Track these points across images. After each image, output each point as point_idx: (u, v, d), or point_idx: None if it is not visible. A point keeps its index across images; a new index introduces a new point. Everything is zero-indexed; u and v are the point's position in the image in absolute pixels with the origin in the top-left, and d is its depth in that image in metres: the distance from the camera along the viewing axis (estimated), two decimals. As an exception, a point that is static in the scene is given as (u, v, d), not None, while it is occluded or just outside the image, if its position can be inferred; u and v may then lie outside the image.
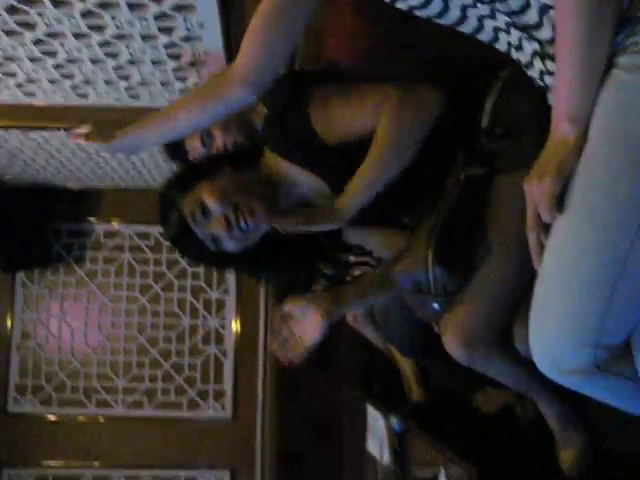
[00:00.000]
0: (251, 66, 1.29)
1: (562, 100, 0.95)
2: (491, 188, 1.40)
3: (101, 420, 3.94)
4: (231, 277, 4.05)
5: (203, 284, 4.06)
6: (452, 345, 1.44)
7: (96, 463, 3.90)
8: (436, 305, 1.47)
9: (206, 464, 3.94)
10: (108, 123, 2.83)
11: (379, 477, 2.66)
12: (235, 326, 4.01)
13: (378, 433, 2.69)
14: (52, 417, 3.93)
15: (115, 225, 4.09)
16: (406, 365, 2.87)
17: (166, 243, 4.03)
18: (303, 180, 1.58)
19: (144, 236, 4.09)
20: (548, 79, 1.06)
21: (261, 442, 3.92)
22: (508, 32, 1.03)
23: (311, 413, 3.87)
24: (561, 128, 0.96)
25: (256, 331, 3.99)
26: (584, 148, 0.94)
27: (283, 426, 3.88)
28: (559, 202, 0.96)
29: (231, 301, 4.05)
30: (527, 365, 1.44)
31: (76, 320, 4.00)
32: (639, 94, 0.90)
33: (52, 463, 3.89)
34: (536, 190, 0.97)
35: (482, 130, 1.43)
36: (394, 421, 2.41)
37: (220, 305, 4.06)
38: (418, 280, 1.45)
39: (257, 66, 1.29)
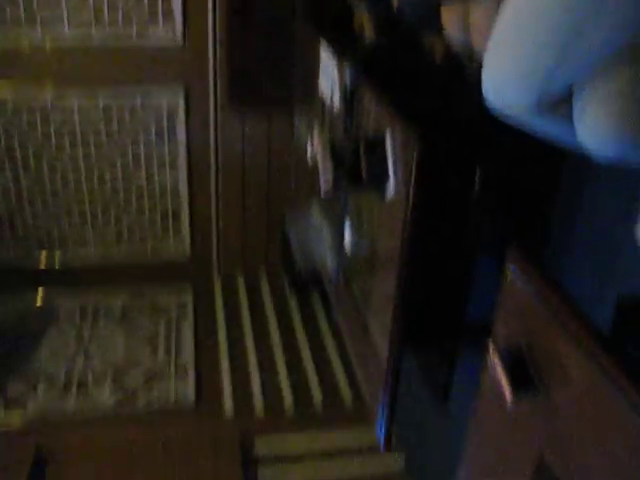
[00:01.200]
0: None
1: None
2: None
3: (49, 46, 3.83)
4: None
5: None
6: None
7: (50, 87, 3.94)
8: None
9: (160, 82, 4.04)
10: None
11: (326, 121, 2.78)
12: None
13: (329, 72, 2.72)
14: None
15: None
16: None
17: None
18: None
19: None
20: None
21: (213, 59, 3.98)
22: None
23: (262, 32, 3.91)
24: None
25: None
26: None
27: (234, 44, 3.94)
28: None
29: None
30: None
31: None
32: None
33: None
34: None
35: None
36: (346, 68, 2.43)
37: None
38: None
39: None
